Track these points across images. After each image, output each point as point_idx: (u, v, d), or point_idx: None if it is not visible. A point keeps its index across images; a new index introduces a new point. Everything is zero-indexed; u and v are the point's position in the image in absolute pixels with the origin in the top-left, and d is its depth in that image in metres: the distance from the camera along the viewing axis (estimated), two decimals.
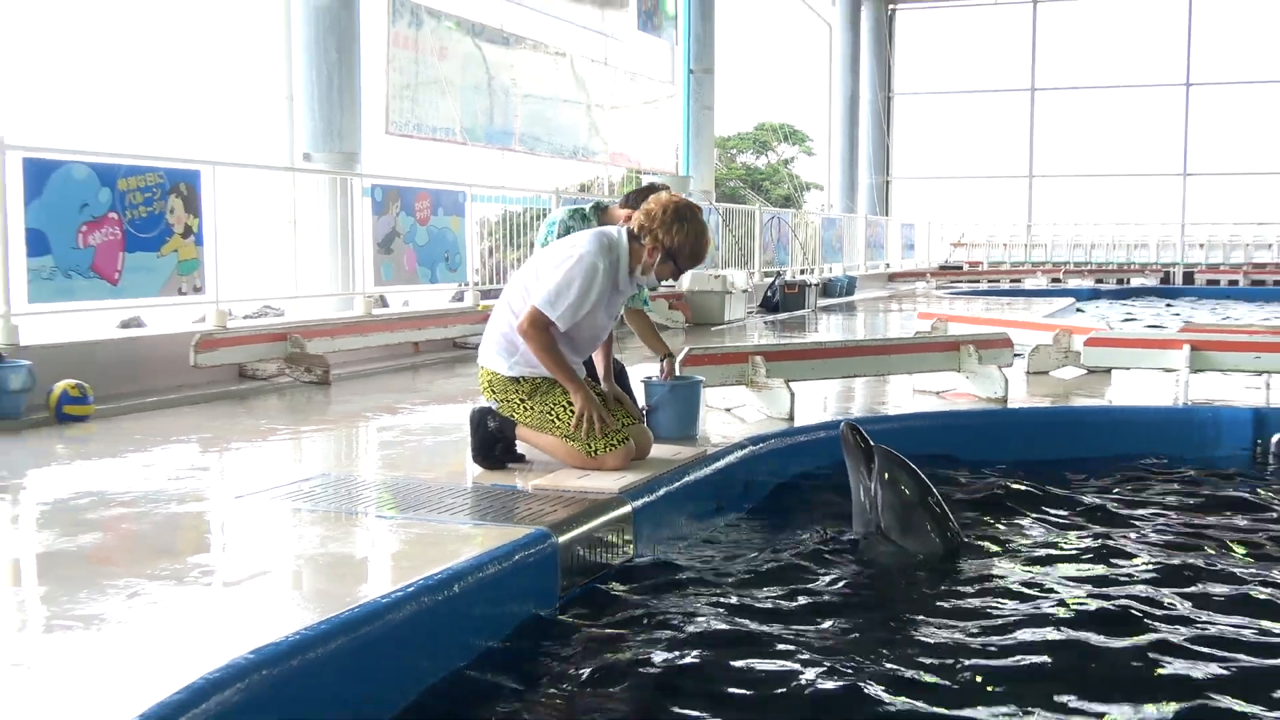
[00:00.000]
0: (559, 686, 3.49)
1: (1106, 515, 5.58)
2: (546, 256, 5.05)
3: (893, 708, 3.33)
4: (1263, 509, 5.75)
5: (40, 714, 2.60)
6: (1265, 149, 28.14)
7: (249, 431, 6.49)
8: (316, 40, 11.36)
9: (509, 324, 5.04)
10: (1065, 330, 8.89)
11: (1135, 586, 4.43)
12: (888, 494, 4.83)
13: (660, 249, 5.00)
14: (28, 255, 7.02)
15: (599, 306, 4.98)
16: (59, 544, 3.97)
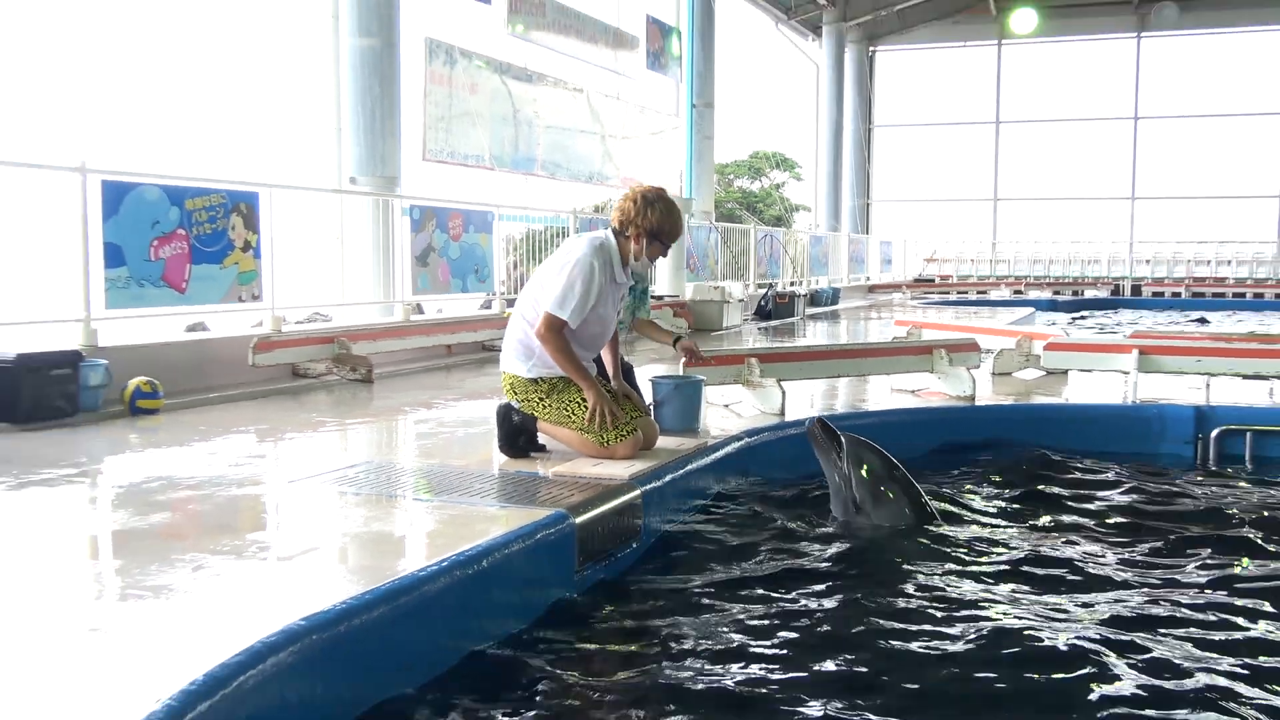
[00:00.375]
0: (576, 651, 3.48)
1: (1061, 496, 5.58)
2: (549, 268, 5.06)
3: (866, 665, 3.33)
4: (1200, 494, 5.75)
5: (115, 673, 2.60)
6: (1205, 176, 28.10)
7: (300, 424, 6.49)
8: (362, 78, 11.37)
9: (524, 332, 5.05)
10: (1027, 336, 8.86)
11: (1083, 553, 4.43)
12: (858, 473, 4.87)
13: (643, 233, 5.05)
14: (105, 266, 7.03)
15: (601, 301, 5.00)
16: (133, 522, 3.97)
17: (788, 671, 3.30)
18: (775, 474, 5.83)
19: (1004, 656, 3.39)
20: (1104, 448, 6.65)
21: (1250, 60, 27.68)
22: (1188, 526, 5.03)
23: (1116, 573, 4.30)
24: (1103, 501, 5.54)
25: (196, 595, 3.13)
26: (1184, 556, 4.55)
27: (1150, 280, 27.36)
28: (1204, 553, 4.60)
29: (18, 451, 5.40)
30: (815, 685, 3.21)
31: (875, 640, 3.54)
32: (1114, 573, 4.30)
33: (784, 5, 27.03)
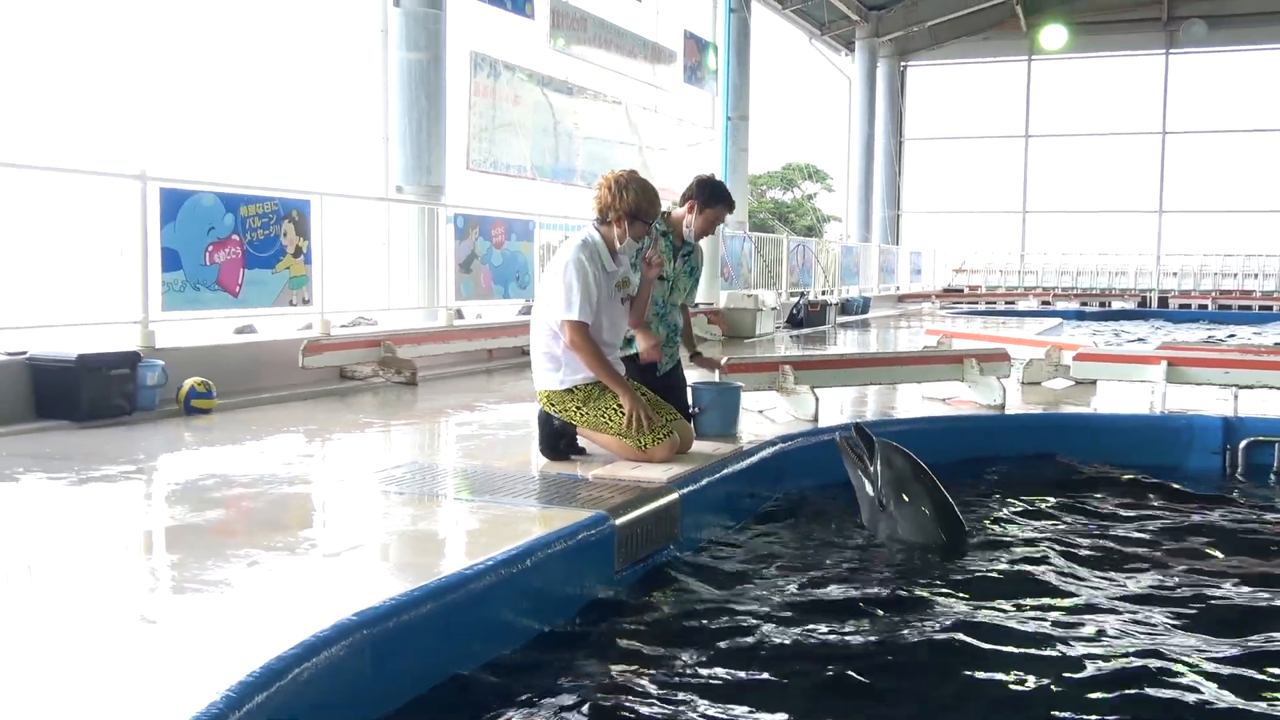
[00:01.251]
0: (614, 650, 3.48)
1: (1089, 505, 5.53)
2: (547, 282, 5.10)
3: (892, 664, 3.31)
4: (1231, 504, 5.67)
5: (174, 664, 2.62)
6: (1231, 189, 27.77)
7: (348, 424, 6.53)
8: (409, 90, 11.44)
9: (547, 344, 5.07)
10: (1056, 346, 8.78)
11: (1108, 563, 4.38)
12: (888, 473, 4.84)
13: (623, 216, 5.07)
14: (163, 270, 7.11)
15: (603, 293, 5.01)
16: (189, 518, 4.01)
17: (817, 674, 3.29)
18: (809, 479, 5.81)
19: (1027, 666, 3.36)
20: (1132, 458, 6.57)
21: (1277, 76, 27.31)
22: (1218, 539, 4.96)
23: (1141, 581, 4.25)
24: (1130, 511, 5.48)
25: (251, 589, 3.16)
26: (1214, 571, 4.49)
27: (1177, 292, 27.05)
28: (1235, 564, 4.53)
29: (79, 448, 5.47)
30: (842, 690, 3.19)
31: (903, 645, 3.51)
32: (1138, 582, 4.25)
33: (818, 21, 26.96)
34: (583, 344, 4.90)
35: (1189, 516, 5.36)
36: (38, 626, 2.86)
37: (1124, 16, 27.65)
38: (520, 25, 13.99)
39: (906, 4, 27.53)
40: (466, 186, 12.83)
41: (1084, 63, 28.71)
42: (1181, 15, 27.18)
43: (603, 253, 5.07)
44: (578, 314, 4.89)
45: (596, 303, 4.95)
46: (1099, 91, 28.75)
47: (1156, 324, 22.41)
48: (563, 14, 14.87)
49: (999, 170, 29.82)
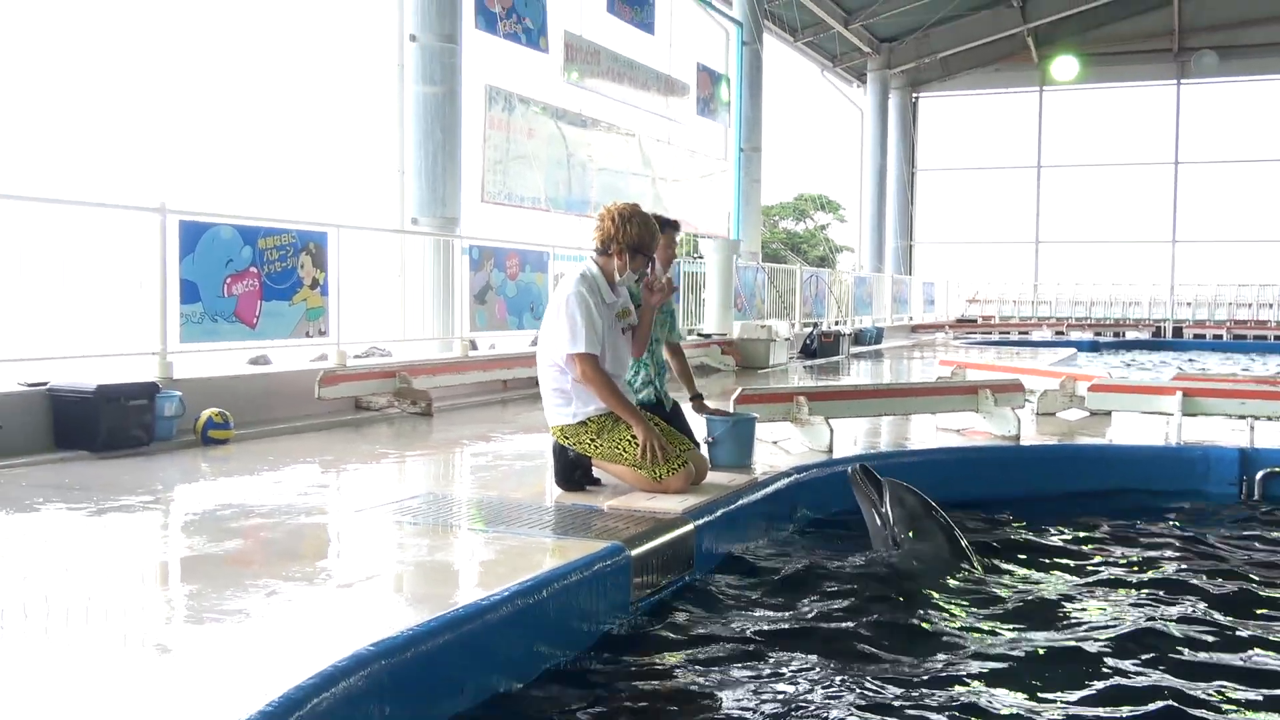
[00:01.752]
0: (630, 681, 3.47)
1: (1106, 538, 5.50)
2: (549, 318, 5.14)
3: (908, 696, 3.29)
4: (1248, 535, 5.63)
5: (192, 694, 2.62)
6: (1245, 219, 27.74)
7: (363, 455, 6.55)
8: (425, 124, 11.55)
9: (555, 380, 5.10)
10: (1071, 377, 8.76)
11: (1123, 596, 4.35)
12: (899, 512, 4.86)
13: (625, 249, 5.09)
14: (181, 302, 7.17)
15: (605, 323, 5.03)
16: (207, 548, 4.02)
17: (834, 706, 3.27)
18: (823, 510, 5.80)
19: (1042, 697, 3.34)
20: (1148, 489, 6.55)
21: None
22: (1234, 570, 4.93)
23: (1155, 613, 4.22)
24: (1145, 543, 5.45)
25: (269, 619, 3.16)
26: (1228, 602, 4.46)
27: (1191, 322, 26.98)
28: (1250, 595, 4.50)
29: (96, 478, 5.50)
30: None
31: (920, 677, 3.50)
32: (1152, 614, 4.22)
33: (829, 53, 27.14)
34: (594, 375, 4.92)
35: (1204, 548, 5.33)
36: (56, 656, 2.88)
37: (1135, 48, 27.75)
38: (534, 59, 14.12)
39: (918, 36, 27.69)
40: (481, 218, 12.91)
41: (1096, 93, 28.79)
42: (1193, 46, 27.26)
43: (601, 284, 5.10)
44: (585, 346, 4.91)
45: (601, 334, 4.97)
46: (1111, 122, 28.82)
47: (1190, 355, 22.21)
48: (576, 48, 15.01)
49: (1012, 200, 29.86)
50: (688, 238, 20.18)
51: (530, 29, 13.74)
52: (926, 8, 25.54)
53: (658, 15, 17.26)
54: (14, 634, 3.06)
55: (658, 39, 17.55)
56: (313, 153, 12.79)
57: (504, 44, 13.36)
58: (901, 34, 27.68)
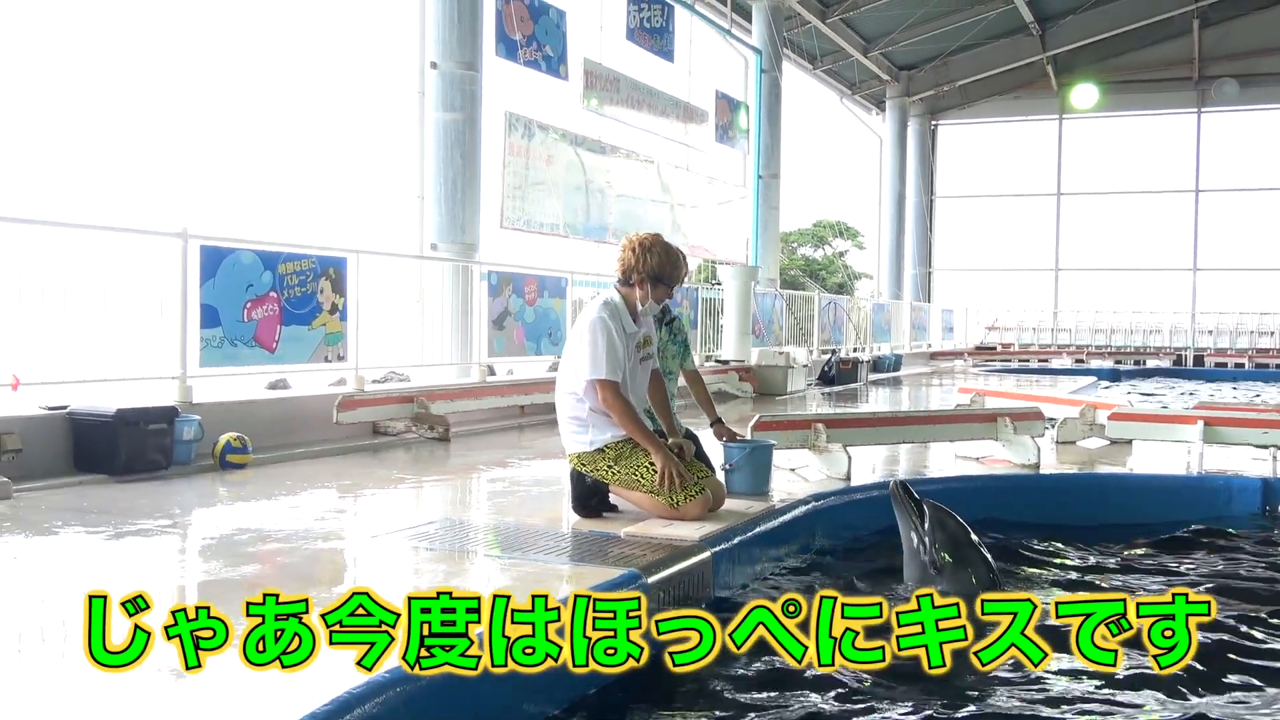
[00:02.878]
0: (646, 712, 3.45)
1: (1126, 569, 5.44)
2: (571, 344, 5.15)
3: None
4: (1273, 567, 5.56)
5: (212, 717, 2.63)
6: (1266, 247, 27.61)
7: (381, 480, 6.56)
8: (445, 150, 11.62)
9: (572, 409, 5.11)
10: (1091, 405, 8.70)
11: None
12: (940, 537, 4.79)
13: (646, 279, 5.13)
14: (201, 327, 7.22)
15: (625, 351, 5.04)
16: (224, 573, 4.03)
17: None
18: (842, 538, 5.77)
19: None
20: (1170, 519, 6.48)
21: None
22: (1259, 601, 4.87)
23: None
24: (1167, 573, 5.39)
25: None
26: (1254, 633, 4.40)
27: (1213, 351, 26.79)
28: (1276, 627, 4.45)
29: (115, 502, 5.52)
30: None
31: (948, 708, 3.47)
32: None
33: (848, 81, 27.21)
34: (614, 402, 4.92)
35: (1228, 579, 5.27)
36: (74, 680, 2.88)
37: (1155, 76, 27.71)
38: (554, 86, 14.21)
39: (937, 64, 27.73)
40: (500, 244, 12.98)
41: (1115, 121, 28.75)
42: (1212, 75, 27.21)
43: (623, 313, 5.11)
44: (606, 373, 4.91)
45: (622, 361, 4.98)
46: (1131, 150, 28.76)
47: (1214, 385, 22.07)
48: (596, 75, 15.09)
49: (1031, 228, 29.79)
50: (706, 264, 20.22)
51: (550, 56, 13.83)
52: (945, 36, 25.60)
53: (677, 43, 17.35)
54: (32, 657, 3.07)
55: (677, 66, 17.65)
56: (334, 178, 12.90)
57: (524, 71, 13.45)
58: (920, 62, 27.75)
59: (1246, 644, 4.20)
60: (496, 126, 13.02)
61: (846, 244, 39.96)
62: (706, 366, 13.90)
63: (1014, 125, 29.91)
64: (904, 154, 28.82)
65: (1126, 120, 28.65)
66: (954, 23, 24.84)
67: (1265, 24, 26.22)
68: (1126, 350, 27.38)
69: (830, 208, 39.97)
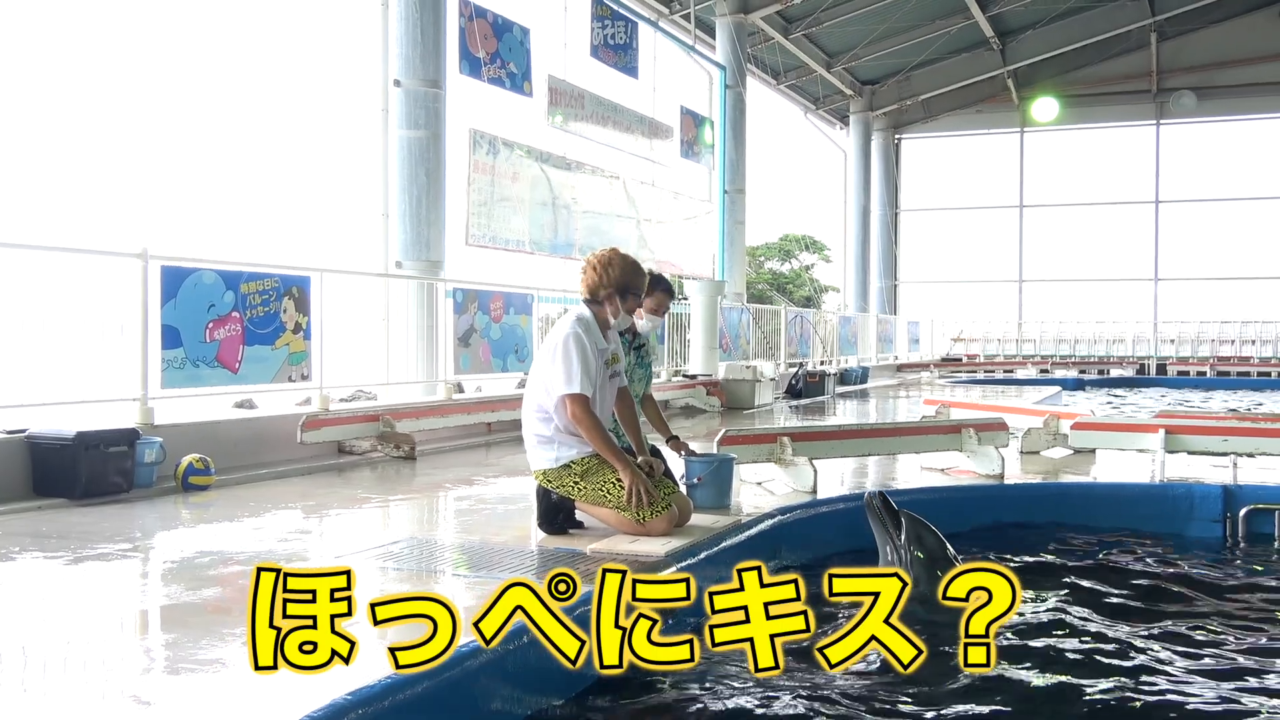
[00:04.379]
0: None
1: (1090, 576, 5.49)
2: (543, 358, 5.14)
3: None
4: (1232, 573, 5.64)
5: None
6: (1227, 257, 28.05)
7: (346, 499, 6.52)
8: (409, 167, 11.60)
9: (539, 425, 5.11)
10: (1054, 415, 8.78)
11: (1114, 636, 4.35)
12: (916, 552, 4.81)
13: (614, 292, 5.16)
14: (163, 348, 7.15)
15: (596, 367, 5.04)
16: (184, 597, 3.99)
17: None
18: (808, 552, 5.78)
19: None
20: (1133, 526, 6.55)
21: (1266, 146, 27.75)
22: (1219, 608, 4.93)
23: (1148, 657, 4.21)
24: (1131, 581, 5.44)
25: (246, 669, 3.13)
26: (1214, 641, 4.45)
27: (1175, 359, 27.13)
28: (1235, 633, 4.50)
29: (75, 526, 5.46)
30: None
31: None
32: (1146, 658, 4.21)
33: (812, 96, 27.41)
34: (584, 417, 4.92)
35: (1190, 586, 5.33)
36: (33, 709, 2.84)
37: (1114, 89, 28.14)
38: (519, 103, 14.23)
39: (899, 79, 28.00)
40: (465, 261, 12.96)
41: (1076, 134, 29.13)
42: (1171, 87, 27.66)
43: (594, 327, 5.12)
44: (579, 387, 4.91)
45: (594, 377, 4.99)
46: (1092, 162, 29.17)
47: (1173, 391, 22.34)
48: (560, 92, 15.13)
49: (995, 240, 30.12)
50: (673, 279, 20.26)
51: (514, 74, 13.85)
52: (907, 51, 25.86)
53: (641, 59, 17.42)
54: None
55: (641, 83, 17.72)
56: (297, 197, 12.83)
57: (488, 88, 13.46)
58: (883, 77, 28.00)
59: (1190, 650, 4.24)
60: (461, 144, 13.02)
61: (813, 257, 40.16)
62: (674, 381, 13.92)
63: (976, 139, 30.25)
64: (868, 168, 29.05)
65: (1087, 133, 29.04)
66: (916, 38, 25.11)
67: (1221, 37, 26.71)
68: (1090, 360, 27.67)
69: (797, 222, 40.21)
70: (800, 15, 22.75)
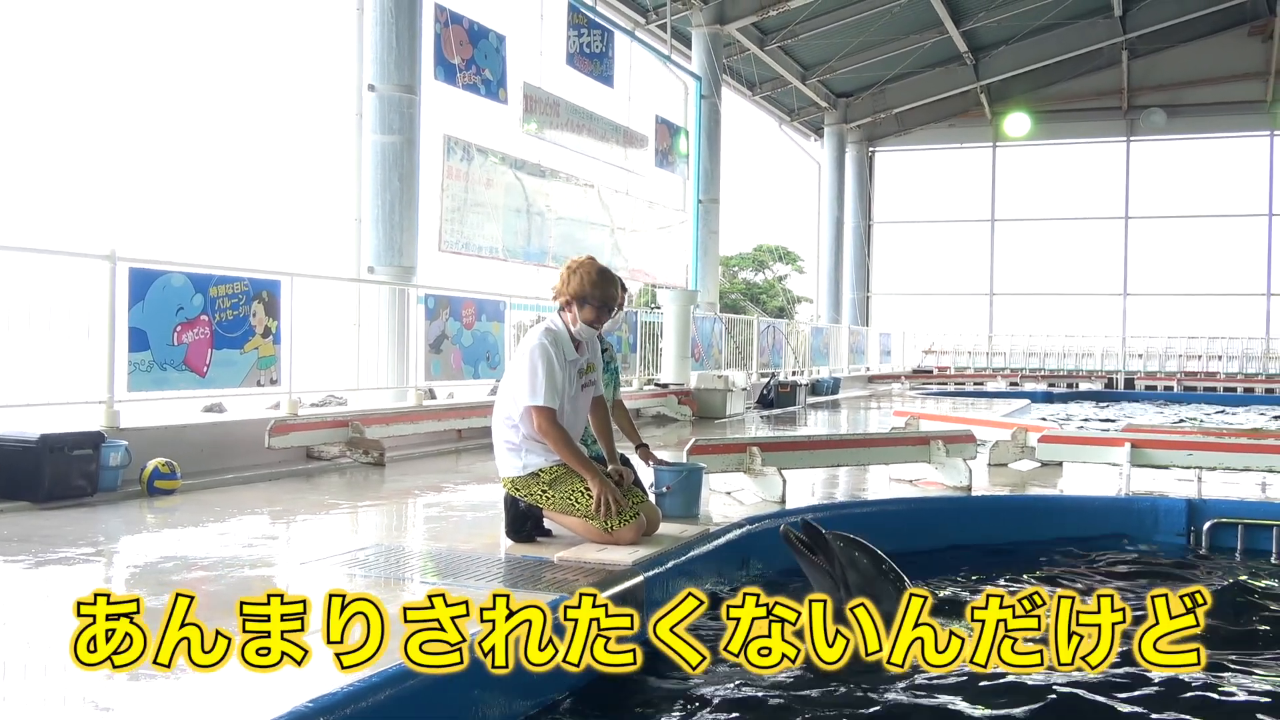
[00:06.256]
0: None
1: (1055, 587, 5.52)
2: (512, 369, 5.15)
3: None
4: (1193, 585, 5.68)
5: None
6: (1194, 273, 28.37)
7: (313, 505, 6.49)
8: (382, 173, 11.57)
9: (507, 435, 5.11)
10: (1022, 428, 8.85)
11: None
12: (854, 576, 4.76)
13: (572, 300, 5.15)
14: (130, 350, 7.10)
15: (566, 379, 5.04)
16: (148, 602, 3.94)
17: None
18: (776, 561, 5.79)
19: None
20: (1098, 539, 6.62)
21: (1234, 164, 28.12)
22: None
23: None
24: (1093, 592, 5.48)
25: (211, 676, 3.11)
26: None
27: (1143, 374, 27.41)
28: None
29: (37, 530, 5.40)
30: None
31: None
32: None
33: (787, 108, 27.54)
34: (549, 429, 4.92)
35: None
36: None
37: (1085, 105, 28.44)
38: (493, 110, 14.21)
39: (874, 92, 28.17)
40: (438, 267, 12.92)
41: (1047, 149, 29.41)
42: (1141, 104, 27.98)
43: (565, 341, 5.11)
44: (544, 399, 4.91)
45: (561, 388, 4.98)
46: (1063, 177, 29.45)
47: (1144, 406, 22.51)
48: (536, 99, 15.12)
49: (967, 253, 30.34)
50: (646, 288, 20.29)
51: (489, 80, 13.84)
52: (882, 64, 26.03)
53: (617, 68, 17.45)
54: None
55: (617, 91, 17.74)
56: (268, 200, 12.76)
57: (463, 95, 13.44)
58: (858, 89, 28.17)
59: None
60: (435, 149, 12.99)
61: (786, 268, 40.31)
62: (646, 390, 13.93)
63: (949, 152, 30.47)
64: (842, 180, 29.20)
65: (1058, 148, 29.32)
66: (890, 51, 25.29)
67: (1190, 56, 27.05)
68: (1059, 373, 27.91)
69: (770, 232, 40.33)
70: (776, 27, 22.86)
